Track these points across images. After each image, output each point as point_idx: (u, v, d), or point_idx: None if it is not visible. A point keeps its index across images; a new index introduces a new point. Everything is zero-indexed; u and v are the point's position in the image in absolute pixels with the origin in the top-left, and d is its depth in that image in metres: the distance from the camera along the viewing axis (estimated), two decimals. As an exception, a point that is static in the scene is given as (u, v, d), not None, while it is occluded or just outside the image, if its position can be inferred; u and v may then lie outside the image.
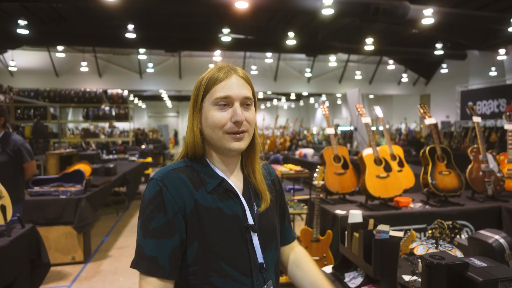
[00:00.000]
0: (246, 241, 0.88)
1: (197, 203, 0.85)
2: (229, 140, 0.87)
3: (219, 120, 0.86)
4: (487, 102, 11.03)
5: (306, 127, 21.65)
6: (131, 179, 6.13)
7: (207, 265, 0.83)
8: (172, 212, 0.82)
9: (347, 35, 12.45)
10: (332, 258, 2.86)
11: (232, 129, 0.86)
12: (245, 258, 0.87)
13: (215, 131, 0.87)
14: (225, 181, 0.90)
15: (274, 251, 0.96)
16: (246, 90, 0.89)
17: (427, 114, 3.29)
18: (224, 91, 0.87)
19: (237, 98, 0.87)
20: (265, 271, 0.90)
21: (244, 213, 0.90)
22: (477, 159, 3.21)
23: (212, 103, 0.87)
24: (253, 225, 0.89)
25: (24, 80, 13.76)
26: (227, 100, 0.87)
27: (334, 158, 3.21)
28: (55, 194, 3.67)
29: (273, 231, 0.97)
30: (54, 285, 3.32)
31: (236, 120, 0.85)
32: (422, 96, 17.31)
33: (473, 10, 9.24)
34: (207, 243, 0.83)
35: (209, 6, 7.82)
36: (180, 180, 0.85)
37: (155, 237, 0.81)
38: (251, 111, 0.90)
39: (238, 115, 0.86)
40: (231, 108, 0.87)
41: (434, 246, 1.66)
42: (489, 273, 1.06)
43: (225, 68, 0.91)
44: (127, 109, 9.51)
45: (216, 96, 0.87)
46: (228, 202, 0.88)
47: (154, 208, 0.82)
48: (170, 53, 14.39)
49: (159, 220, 0.81)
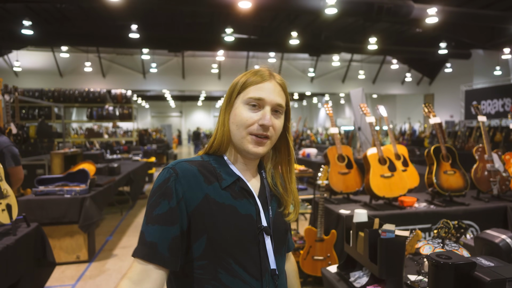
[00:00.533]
0: (258, 243, 0.86)
1: (208, 197, 0.84)
2: (250, 141, 0.86)
3: (246, 120, 0.86)
4: (492, 101, 10.96)
5: (309, 126, 21.62)
6: (135, 179, 6.15)
7: (216, 261, 0.82)
8: (176, 199, 0.81)
9: (350, 35, 12.42)
10: (336, 257, 2.85)
11: (257, 131, 0.86)
12: (255, 260, 0.85)
13: (239, 129, 0.87)
14: (241, 180, 0.89)
15: (283, 258, 0.94)
16: (280, 98, 0.89)
17: (432, 113, 3.27)
18: (259, 93, 0.87)
19: (270, 102, 0.87)
20: (277, 277, 0.87)
21: (259, 214, 0.88)
22: (482, 159, 3.19)
23: (244, 102, 0.88)
24: (266, 227, 0.87)
25: (29, 80, 13.84)
26: (259, 102, 0.87)
27: (338, 158, 3.20)
28: (60, 193, 3.69)
29: (285, 237, 0.96)
30: (58, 284, 3.33)
31: (263, 124, 0.85)
32: (426, 96, 17.23)
33: (477, 9, 9.19)
34: (217, 238, 0.82)
35: (212, 6, 7.83)
36: (192, 171, 0.85)
37: (157, 223, 0.80)
38: (280, 120, 0.90)
39: (266, 119, 0.85)
40: (261, 111, 0.87)
41: (440, 246, 1.65)
42: (497, 272, 1.05)
43: (265, 72, 0.91)
44: (131, 109, 9.53)
45: (249, 95, 0.87)
46: (242, 201, 0.87)
47: (160, 194, 0.82)
48: (174, 53, 14.42)
49: (163, 207, 0.80)
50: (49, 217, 3.58)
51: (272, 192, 0.95)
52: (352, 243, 1.68)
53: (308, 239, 2.93)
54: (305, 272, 2.97)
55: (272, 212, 0.91)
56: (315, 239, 2.89)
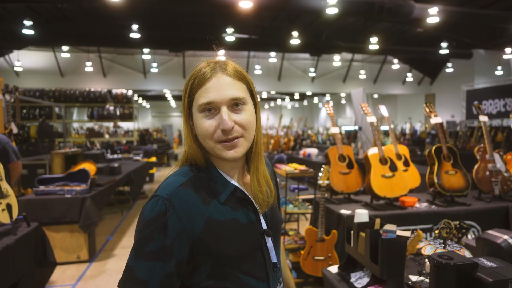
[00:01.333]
0: (261, 247, 0.84)
1: (210, 220, 0.78)
2: (221, 149, 0.79)
3: (206, 130, 0.78)
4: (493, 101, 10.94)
5: (310, 126, 21.61)
6: (136, 179, 6.15)
7: (223, 278, 0.79)
8: (173, 236, 0.74)
9: (351, 34, 12.41)
10: (337, 258, 2.84)
11: (220, 138, 0.78)
12: (261, 264, 0.84)
13: (205, 141, 0.80)
14: (238, 189, 0.84)
15: (279, 247, 0.95)
16: (233, 90, 0.79)
17: (433, 113, 3.26)
18: (207, 96, 0.77)
19: (222, 101, 0.77)
20: (278, 269, 0.88)
21: (258, 218, 0.86)
22: (484, 159, 3.18)
23: (198, 110, 0.79)
24: (267, 229, 0.86)
25: (30, 80, 13.86)
26: (212, 105, 0.78)
27: (339, 158, 3.19)
28: (60, 193, 3.69)
29: (280, 227, 0.96)
30: (59, 284, 3.33)
31: (223, 128, 0.77)
32: (427, 96, 17.21)
33: (478, 8, 9.16)
34: (223, 258, 0.78)
35: (213, 6, 7.82)
36: (189, 198, 0.78)
37: (149, 260, 0.73)
38: (244, 113, 0.80)
39: (224, 123, 0.76)
40: (218, 114, 0.78)
41: (442, 246, 1.65)
42: (499, 273, 1.04)
43: (206, 68, 0.81)
44: (132, 109, 9.54)
45: (199, 102, 0.78)
46: (242, 210, 0.83)
47: (154, 229, 0.74)
48: (174, 53, 14.42)
49: (157, 243, 0.73)
50: (50, 217, 3.58)
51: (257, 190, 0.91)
52: (353, 243, 1.67)
53: (309, 239, 2.92)
54: (306, 272, 2.96)
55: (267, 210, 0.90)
56: (315, 239, 2.88)
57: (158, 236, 0.74)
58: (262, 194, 0.86)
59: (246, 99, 0.81)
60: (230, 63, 0.84)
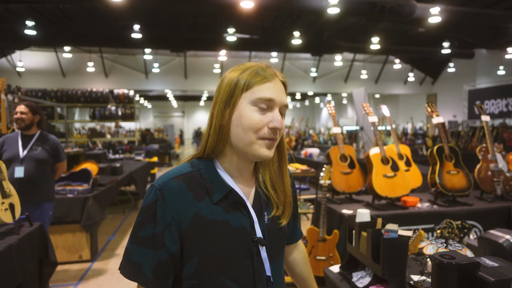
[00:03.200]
0: (252, 255, 0.82)
1: (198, 216, 0.79)
2: (262, 146, 0.80)
3: (256, 123, 0.79)
4: (495, 101, 10.92)
5: (311, 126, 21.60)
6: (138, 178, 6.17)
7: (207, 280, 0.79)
8: (162, 225, 0.77)
9: (352, 34, 12.39)
10: (338, 257, 2.84)
11: (268, 135, 0.79)
12: (249, 272, 0.82)
13: (248, 134, 0.79)
14: (233, 192, 0.83)
15: (281, 261, 0.92)
16: (285, 98, 0.84)
17: (435, 112, 3.26)
18: (270, 93, 0.80)
19: (279, 103, 0.81)
20: (271, 284, 0.85)
21: (253, 225, 0.83)
22: (486, 159, 3.18)
23: (252, 102, 0.79)
24: (261, 238, 0.83)
25: (32, 81, 13.90)
26: (270, 103, 0.80)
27: (340, 158, 3.19)
28: (63, 193, 3.70)
29: (283, 241, 0.92)
30: (61, 284, 3.34)
31: (275, 127, 0.79)
32: (429, 96, 17.18)
33: (480, 8, 9.14)
34: (208, 258, 0.79)
35: (215, 6, 7.83)
36: (180, 190, 0.79)
37: (141, 245, 0.78)
38: (283, 121, 0.84)
39: (278, 122, 0.79)
40: (271, 113, 0.80)
41: (444, 246, 1.64)
42: (501, 273, 1.04)
43: (268, 70, 0.84)
44: (133, 109, 9.55)
45: (259, 96, 0.79)
46: (235, 214, 0.82)
47: (146, 217, 0.78)
48: (176, 53, 14.44)
49: (148, 231, 0.78)
50: (52, 217, 3.59)
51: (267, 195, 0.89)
52: (355, 243, 1.67)
53: (311, 239, 2.92)
54: (308, 272, 2.95)
55: (268, 219, 0.87)
56: (317, 239, 2.88)
57: (149, 223, 0.78)
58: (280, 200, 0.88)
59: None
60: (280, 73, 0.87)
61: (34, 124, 2.98)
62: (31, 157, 2.90)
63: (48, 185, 3.02)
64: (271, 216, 0.87)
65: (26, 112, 2.92)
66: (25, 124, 2.91)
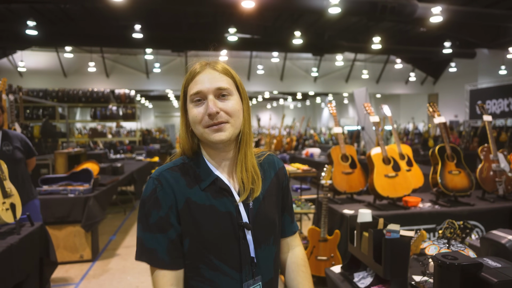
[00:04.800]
0: (239, 238, 0.89)
1: (189, 200, 0.88)
2: (209, 133, 0.87)
3: (195, 116, 0.88)
4: (497, 101, 10.89)
5: (312, 126, 21.58)
6: (139, 178, 6.17)
7: (198, 259, 0.87)
8: (165, 209, 0.86)
9: (354, 34, 12.38)
10: (340, 258, 2.84)
11: (208, 123, 0.87)
12: (235, 254, 0.89)
13: (196, 127, 0.89)
14: (219, 179, 0.91)
15: (271, 247, 0.96)
16: (220, 82, 0.89)
17: (436, 112, 3.24)
18: (195, 87, 0.88)
19: (209, 91, 0.87)
20: (255, 265, 0.91)
21: (238, 210, 0.90)
22: (488, 159, 3.16)
23: (190, 101, 0.90)
24: (246, 223, 0.90)
25: (33, 81, 13.92)
26: (200, 95, 0.88)
27: (341, 157, 3.18)
28: (64, 193, 3.70)
29: (271, 226, 0.96)
30: (62, 283, 3.34)
31: (208, 113, 0.86)
32: (430, 95, 17.15)
33: (482, 7, 9.11)
34: (199, 239, 0.87)
35: (216, 6, 7.83)
36: (174, 178, 0.89)
37: (152, 232, 0.86)
38: (230, 101, 0.89)
39: (209, 108, 0.86)
40: (205, 102, 0.88)
41: (446, 246, 1.64)
42: (504, 273, 1.04)
43: (196, 66, 0.93)
44: (134, 109, 9.56)
45: (190, 93, 0.89)
46: (222, 199, 0.89)
47: (150, 205, 0.87)
48: (177, 53, 14.44)
49: (154, 217, 0.86)
50: (53, 217, 3.60)
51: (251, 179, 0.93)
52: (356, 243, 1.67)
53: (312, 239, 2.91)
54: (309, 272, 2.95)
55: (254, 204, 0.93)
56: (318, 239, 2.88)
57: (154, 210, 0.87)
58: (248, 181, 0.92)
59: (231, 90, 0.90)
60: (220, 62, 0.95)
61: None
62: (6, 157, 2.63)
63: (30, 184, 2.90)
64: (259, 202, 0.94)
65: None
66: None
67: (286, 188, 1.07)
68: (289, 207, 1.09)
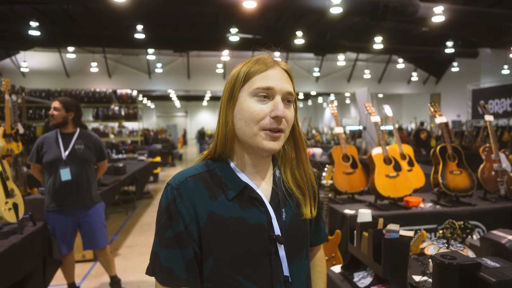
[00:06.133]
0: (270, 253, 0.79)
1: (213, 214, 0.78)
2: (264, 138, 0.77)
3: (257, 113, 0.76)
4: (500, 100, 10.85)
5: (314, 126, 21.57)
6: (140, 178, 6.18)
7: (222, 281, 0.77)
8: (184, 223, 0.77)
9: (355, 34, 12.36)
10: (340, 257, 2.84)
11: (271, 125, 0.76)
12: (266, 271, 0.79)
13: (250, 126, 0.77)
14: (249, 187, 0.81)
15: (304, 262, 0.86)
16: (288, 85, 0.80)
17: (438, 112, 3.24)
18: (267, 82, 0.77)
19: (280, 91, 0.78)
20: (289, 284, 0.81)
21: (270, 222, 0.80)
22: (490, 159, 3.16)
23: (250, 94, 0.78)
24: (279, 236, 0.80)
25: (36, 81, 13.99)
26: (269, 91, 0.77)
27: (342, 157, 3.19)
28: (66, 192, 3.71)
29: (304, 240, 0.88)
30: (64, 283, 3.36)
31: (277, 115, 0.76)
32: (432, 95, 17.10)
33: (484, 7, 9.08)
34: (224, 259, 0.77)
35: (217, 6, 7.84)
36: (197, 189, 0.79)
37: (169, 247, 0.77)
38: (291, 110, 0.81)
39: (279, 110, 0.76)
40: (272, 102, 0.78)
41: (445, 246, 1.64)
42: (503, 273, 1.04)
43: (268, 58, 0.82)
44: (136, 109, 9.58)
45: (256, 86, 0.77)
46: (252, 210, 0.80)
47: (168, 217, 0.78)
48: (179, 53, 14.48)
49: (173, 230, 0.77)
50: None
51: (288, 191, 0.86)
52: (356, 243, 1.67)
53: (313, 239, 2.91)
54: (310, 272, 2.95)
55: (287, 216, 0.83)
56: (319, 239, 2.88)
57: (172, 223, 0.77)
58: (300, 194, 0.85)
59: (294, 98, 0.83)
60: (282, 61, 0.86)
61: (69, 121, 2.72)
62: (76, 157, 2.69)
63: (95, 185, 2.86)
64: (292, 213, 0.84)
65: (59, 108, 2.66)
66: (56, 122, 2.67)
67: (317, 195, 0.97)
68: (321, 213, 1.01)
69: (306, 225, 0.89)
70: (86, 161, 2.75)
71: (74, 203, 2.70)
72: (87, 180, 2.75)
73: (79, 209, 2.74)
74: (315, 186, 0.90)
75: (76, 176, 2.68)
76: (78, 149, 2.72)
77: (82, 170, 2.71)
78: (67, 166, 2.66)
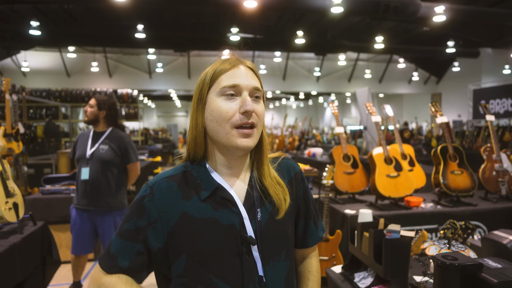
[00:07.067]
0: (242, 254, 0.79)
1: (185, 214, 0.79)
2: (237, 136, 0.78)
3: (226, 111, 0.78)
4: (501, 100, 10.82)
5: (315, 126, 21.56)
6: (141, 178, 6.17)
7: (195, 278, 0.79)
8: (147, 220, 0.80)
9: (356, 34, 12.35)
10: (341, 258, 2.83)
11: (241, 121, 0.77)
12: (238, 271, 0.79)
13: (222, 125, 0.78)
14: (221, 188, 0.82)
15: (282, 263, 0.85)
16: (255, 81, 0.82)
17: (439, 112, 3.23)
18: (232, 80, 0.80)
19: (246, 87, 0.80)
20: (264, 284, 0.80)
21: (242, 223, 0.80)
22: (491, 159, 3.15)
23: (218, 94, 0.80)
24: (251, 237, 0.80)
25: (36, 80, 14.00)
26: (236, 89, 0.79)
27: (343, 157, 3.18)
28: (66, 192, 3.72)
29: (282, 241, 0.86)
30: (65, 282, 3.36)
31: (246, 110, 0.77)
32: (433, 95, 17.08)
33: (486, 6, 9.07)
34: (197, 256, 0.78)
35: (218, 5, 7.84)
36: (169, 189, 0.81)
37: (123, 238, 0.80)
38: (260, 104, 0.82)
39: (247, 104, 0.77)
40: (240, 98, 0.79)
41: (446, 247, 1.63)
42: (504, 274, 1.03)
43: (231, 59, 0.85)
44: (137, 108, 9.58)
45: (223, 84, 0.79)
46: (224, 211, 0.80)
47: (133, 210, 0.81)
48: (179, 53, 14.48)
49: (132, 224, 0.80)
50: (56, 216, 3.61)
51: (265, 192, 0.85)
52: (357, 244, 1.66)
53: (313, 239, 2.91)
54: (310, 272, 2.95)
55: (262, 216, 0.83)
56: (320, 239, 2.87)
57: (134, 217, 0.81)
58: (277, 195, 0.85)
59: (262, 93, 0.84)
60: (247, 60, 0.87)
61: (100, 120, 2.64)
62: (97, 157, 2.58)
63: (116, 190, 2.67)
64: (268, 214, 0.84)
65: (93, 105, 2.61)
66: (88, 119, 2.62)
67: (305, 195, 0.96)
68: (313, 213, 0.98)
69: (286, 225, 0.88)
70: (106, 162, 2.60)
71: (89, 204, 2.59)
72: (106, 182, 2.60)
73: (95, 212, 2.63)
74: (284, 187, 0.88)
75: (93, 176, 2.57)
76: (101, 149, 2.61)
77: (101, 171, 2.58)
78: (88, 165, 2.58)
